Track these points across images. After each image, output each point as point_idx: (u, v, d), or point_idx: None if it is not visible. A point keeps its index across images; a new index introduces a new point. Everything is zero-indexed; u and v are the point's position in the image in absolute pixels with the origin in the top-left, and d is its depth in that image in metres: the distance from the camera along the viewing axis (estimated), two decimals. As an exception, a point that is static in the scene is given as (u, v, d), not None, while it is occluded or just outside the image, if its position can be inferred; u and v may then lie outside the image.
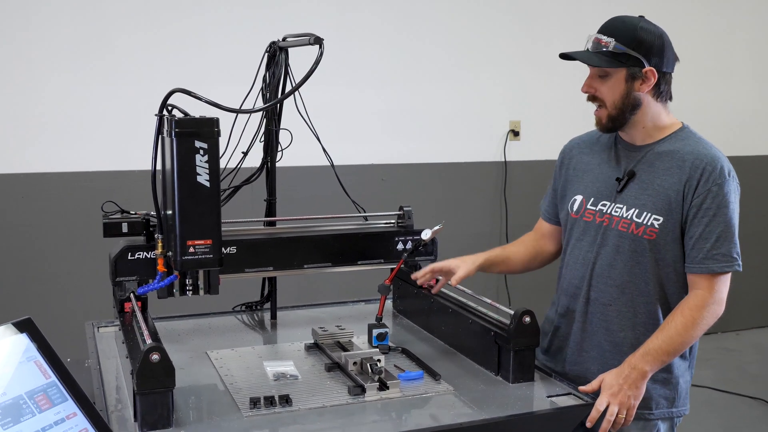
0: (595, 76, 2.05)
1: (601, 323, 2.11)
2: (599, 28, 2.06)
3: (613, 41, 1.99)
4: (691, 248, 2.00)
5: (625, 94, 2.01)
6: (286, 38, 2.40)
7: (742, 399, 4.60)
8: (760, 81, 5.77)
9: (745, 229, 2.23)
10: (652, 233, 2.02)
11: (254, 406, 1.83)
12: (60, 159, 4.07)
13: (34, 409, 1.43)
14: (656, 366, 1.97)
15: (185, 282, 2.01)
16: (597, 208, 2.12)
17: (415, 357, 2.18)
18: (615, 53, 1.99)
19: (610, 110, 2.04)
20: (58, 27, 3.99)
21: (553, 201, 2.32)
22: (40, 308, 3.99)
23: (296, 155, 2.65)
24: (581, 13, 4.99)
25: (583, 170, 2.21)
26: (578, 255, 2.16)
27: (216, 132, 1.82)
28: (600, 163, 2.17)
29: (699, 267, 1.99)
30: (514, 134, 5.03)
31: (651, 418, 2.10)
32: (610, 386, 1.93)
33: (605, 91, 2.03)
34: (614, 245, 2.07)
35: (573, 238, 2.19)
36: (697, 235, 1.99)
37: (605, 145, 2.19)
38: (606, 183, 2.13)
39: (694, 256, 2.00)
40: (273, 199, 2.63)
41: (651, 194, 2.03)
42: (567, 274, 2.20)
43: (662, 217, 2.01)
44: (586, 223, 2.14)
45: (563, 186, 2.26)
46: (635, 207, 2.05)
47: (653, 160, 2.06)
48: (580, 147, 2.27)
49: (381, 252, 2.57)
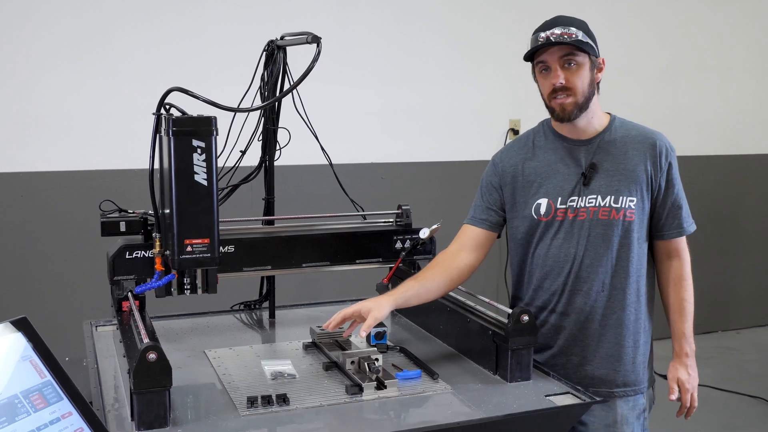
0: (562, 67, 2.10)
1: (596, 310, 2.17)
2: (553, 24, 2.11)
3: (581, 32, 2.09)
4: (666, 216, 2.19)
5: (590, 82, 2.13)
6: (284, 37, 2.40)
7: (742, 398, 4.60)
8: (761, 80, 5.77)
9: (745, 228, 2.26)
10: (631, 214, 2.14)
11: (251, 405, 1.83)
12: (58, 158, 4.07)
13: (29, 408, 1.43)
14: (693, 341, 2.27)
15: (183, 281, 2.00)
16: (567, 205, 2.17)
17: (413, 356, 2.18)
18: (582, 42, 2.07)
19: (578, 98, 2.11)
20: (57, 26, 3.99)
21: (489, 209, 2.28)
22: (38, 307, 4.00)
23: (294, 154, 2.64)
24: (581, 13, 4.93)
25: (536, 174, 2.21)
26: (558, 254, 2.18)
27: (213, 131, 1.82)
28: (552, 164, 2.21)
29: (677, 231, 2.20)
30: (514, 133, 5.02)
31: (643, 391, 2.24)
32: (687, 381, 2.24)
33: (575, 81, 2.10)
34: (599, 234, 2.14)
35: (545, 240, 2.20)
36: (670, 204, 2.18)
37: (546, 147, 2.23)
38: (567, 180, 2.18)
39: (670, 223, 2.19)
40: (271, 198, 2.63)
41: (620, 178, 2.14)
42: (546, 273, 2.21)
43: (635, 197, 2.15)
44: (560, 222, 2.18)
45: (511, 195, 2.25)
46: (609, 194, 2.14)
47: (608, 148, 2.17)
48: (519, 155, 2.26)
49: (379, 251, 2.57)
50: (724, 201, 5.61)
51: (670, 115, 5.35)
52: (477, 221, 2.31)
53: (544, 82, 2.15)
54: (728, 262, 5.74)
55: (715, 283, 5.69)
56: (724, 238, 5.66)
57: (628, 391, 2.20)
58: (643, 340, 2.23)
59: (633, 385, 2.21)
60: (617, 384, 2.19)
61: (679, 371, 2.26)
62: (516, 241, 2.28)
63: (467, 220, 2.33)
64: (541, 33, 2.11)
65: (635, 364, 2.21)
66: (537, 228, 2.21)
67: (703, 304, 5.50)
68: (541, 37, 2.10)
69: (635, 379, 2.22)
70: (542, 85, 2.17)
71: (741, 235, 5.80)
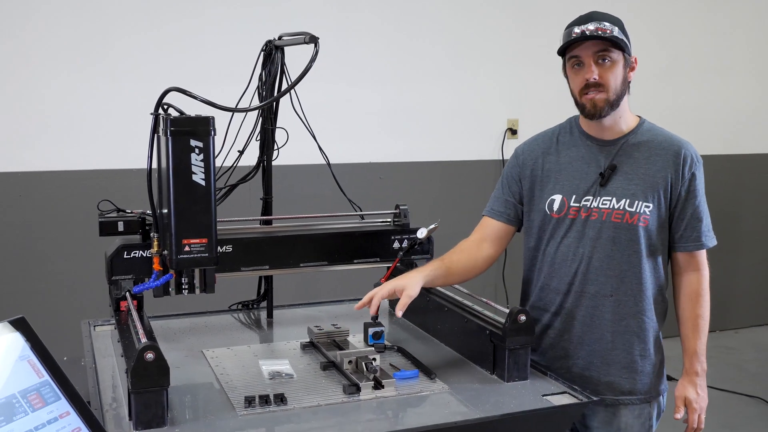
0: (596, 63, 2.06)
1: (603, 315, 2.14)
2: (588, 19, 2.06)
3: (616, 28, 2.05)
4: (684, 228, 2.14)
5: (623, 80, 2.10)
6: (281, 37, 2.40)
7: (741, 397, 4.60)
8: (760, 80, 5.77)
9: (745, 228, 2.26)
10: (645, 220, 2.10)
11: (249, 405, 1.83)
12: (57, 158, 4.06)
13: (26, 408, 1.43)
14: (705, 359, 2.22)
15: (181, 281, 2.00)
16: (580, 204, 2.14)
17: (410, 356, 2.18)
18: (617, 39, 2.04)
19: (610, 95, 2.08)
20: (56, 26, 3.99)
21: (508, 201, 2.28)
22: (36, 307, 4.00)
23: (292, 154, 2.64)
24: (580, 11, 4.97)
25: (555, 170, 2.20)
26: (566, 252, 2.16)
27: (211, 131, 1.83)
28: (571, 161, 2.19)
29: (695, 245, 2.15)
30: (512, 132, 5.03)
31: (650, 400, 2.19)
32: (695, 401, 2.21)
33: (609, 77, 2.07)
34: (610, 237, 2.11)
35: (556, 237, 2.18)
36: (689, 215, 2.13)
37: (569, 144, 2.21)
38: (584, 179, 2.15)
39: (688, 235, 2.14)
40: (269, 198, 2.63)
41: (638, 183, 2.10)
42: (555, 273, 2.19)
43: (651, 204, 2.10)
44: (571, 221, 2.15)
45: (530, 188, 2.24)
46: (625, 197, 2.10)
47: (631, 151, 2.13)
48: (541, 148, 2.25)
49: (377, 251, 2.56)
50: (724, 201, 5.61)
51: (670, 115, 5.34)
52: (495, 213, 2.29)
53: (576, 78, 2.10)
54: (727, 262, 5.74)
55: (714, 282, 5.61)
56: (723, 237, 5.58)
57: (633, 399, 2.16)
58: (653, 350, 2.18)
59: (640, 394, 2.18)
60: (623, 392, 2.16)
61: (687, 390, 2.21)
62: (530, 236, 2.26)
63: (485, 211, 2.32)
64: (576, 28, 2.05)
65: (643, 373, 2.17)
66: (548, 224, 2.19)
67: (701, 304, 5.55)
68: (575, 31, 2.05)
69: (642, 388, 2.18)
70: (573, 81, 2.12)
71: (740, 235, 5.80)
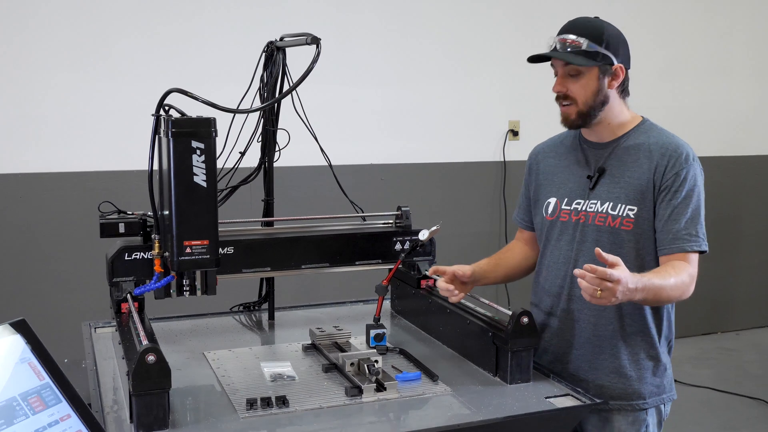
0: (566, 75, 2.09)
1: (589, 318, 2.13)
2: (562, 30, 2.10)
3: (586, 41, 2.05)
4: (661, 230, 2.05)
5: (597, 92, 2.08)
6: (283, 38, 2.39)
7: (742, 399, 4.60)
8: (760, 80, 5.77)
9: (744, 229, 2.24)
10: (629, 224, 2.07)
11: (251, 407, 1.82)
12: (57, 159, 4.06)
13: (27, 411, 1.42)
14: (645, 298, 1.92)
15: (182, 282, 2.00)
16: (572, 207, 2.16)
17: (412, 358, 2.17)
18: (588, 52, 2.04)
19: (580, 107, 2.10)
20: (56, 27, 3.98)
21: (528, 208, 2.36)
22: (37, 308, 3.99)
23: (294, 155, 2.64)
24: (581, 13, 4.96)
25: (552, 173, 2.25)
26: (558, 255, 2.19)
27: (213, 132, 1.82)
28: (568, 164, 2.22)
29: (670, 248, 2.04)
30: (513, 134, 5.02)
31: (645, 407, 2.13)
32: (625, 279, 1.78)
33: (577, 89, 2.08)
34: (593, 240, 2.11)
35: (551, 240, 2.21)
36: (666, 216, 2.04)
37: (570, 147, 2.25)
38: (577, 182, 2.17)
39: (664, 237, 2.05)
40: (270, 200, 2.63)
41: (623, 186, 2.09)
42: (548, 275, 2.22)
43: (636, 207, 2.07)
44: (562, 224, 2.18)
45: (535, 192, 2.30)
46: (609, 200, 2.10)
47: (621, 154, 2.13)
48: (546, 152, 2.32)
49: (379, 252, 2.56)
50: (724, 202, 5.60)
51: (670, 116, 5.32)
52: (519, 221, 2.40)
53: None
54: (728, 263, 5.74)
55: (715, 284, 5.68)
56: (724, 239, 5.65)
57: (625, 405, 2.12)
58: (646, 356, 2.13)
59: (631, 400, 2.12)
60: (612, 396, 2.11)
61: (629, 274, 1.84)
62: (537, 237, 2.31)
63: (513, 218, 2.44)
64: (557, 37, 2.10)
65: (633, 378, 2.12)
66: (545, 227, 2.23)
67: (702, 305, 5.56)
68: (552, 41, 2.10)
69: (634, 393, 2.12)
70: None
71: (741, 236, 5.80)
